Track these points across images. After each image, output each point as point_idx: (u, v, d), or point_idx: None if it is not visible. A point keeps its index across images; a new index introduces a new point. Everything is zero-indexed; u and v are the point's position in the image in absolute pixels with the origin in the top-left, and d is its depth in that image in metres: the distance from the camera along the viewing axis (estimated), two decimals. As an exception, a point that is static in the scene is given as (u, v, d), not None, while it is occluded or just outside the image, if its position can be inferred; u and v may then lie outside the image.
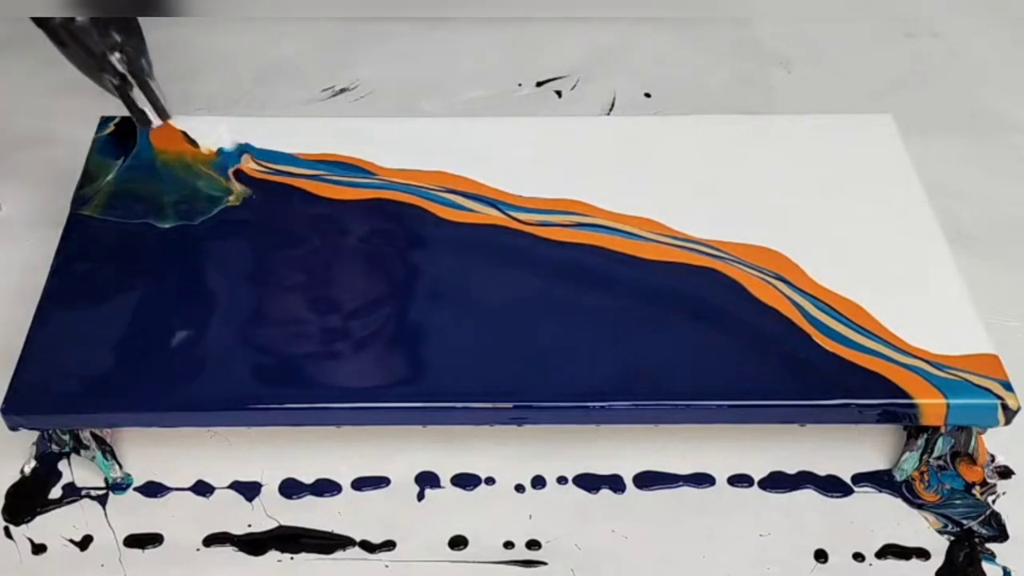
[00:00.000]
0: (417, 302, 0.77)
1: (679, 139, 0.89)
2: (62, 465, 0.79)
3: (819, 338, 0.74)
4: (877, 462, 0.79)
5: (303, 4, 0.94)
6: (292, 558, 0.74)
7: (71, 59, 0.80)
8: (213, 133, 0.86)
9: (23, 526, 0.75)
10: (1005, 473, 0.78)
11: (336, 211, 0.83)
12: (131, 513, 0.76)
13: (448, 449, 0.79)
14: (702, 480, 0.78)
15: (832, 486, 0.78)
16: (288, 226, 0.82)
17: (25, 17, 0.76)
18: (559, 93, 1.12)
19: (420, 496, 0.77)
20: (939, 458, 0.78)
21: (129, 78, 0.80)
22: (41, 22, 0.77)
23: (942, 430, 0.75)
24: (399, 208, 0.83)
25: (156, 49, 1.16)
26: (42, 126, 1.06)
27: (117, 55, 0.78)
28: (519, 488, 0.78)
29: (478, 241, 0.81)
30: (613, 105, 1.11)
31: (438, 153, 0.87)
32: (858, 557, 0.74)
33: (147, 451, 0.79)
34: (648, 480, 0.78)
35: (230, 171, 0.85)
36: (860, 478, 0.78)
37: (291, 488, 0.78)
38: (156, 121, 0.85)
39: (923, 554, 0.74)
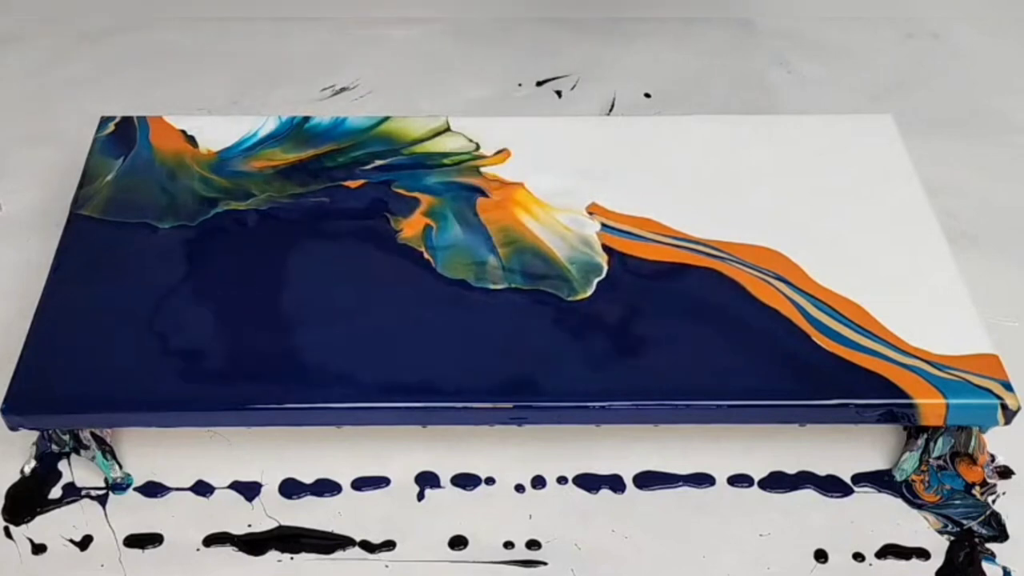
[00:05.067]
0: (417, 301, 0.77)
1: (679, 139, 0.89)
2: (62, 465, 0.79)
3: (819, 338, 0.74)
4: (877, 462, 0.79)
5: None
6: (292, 558, 0.74)
7: None
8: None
9: (23, 526, 0.75)
10: (1005, 473, 0.78)
11: (335, 204, 0.83)
12: (131, 513, 0.76)
13: (448, 449, 0.79)
14: (702, 480, 0.78)
15: (832, 486, 0.78)
16: (286, 224, 0.82)
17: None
18: (559, 93, 1.12)
19: (420, 496, 0.77)
20: (939, 458, 0.78)
21: None
22: None
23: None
24: (392, 199, 0.84)
25: (157, 49, 1.17)
26: (42, 126, 1.06)
27: None
28: (519, 488, 0.78)
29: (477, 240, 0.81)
30: (613, 105, 1.11)
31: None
32: (858, 557, 0.74)
33: (147, 451, 0.79)
34: (648, 480, 0.78)
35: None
36: (860, 478, 0.78)
37: (291, 488, 0.78)
38: None
39: (923, 554, 0.74)
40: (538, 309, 0.76)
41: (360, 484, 0.78)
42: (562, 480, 0.78)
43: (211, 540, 0.75)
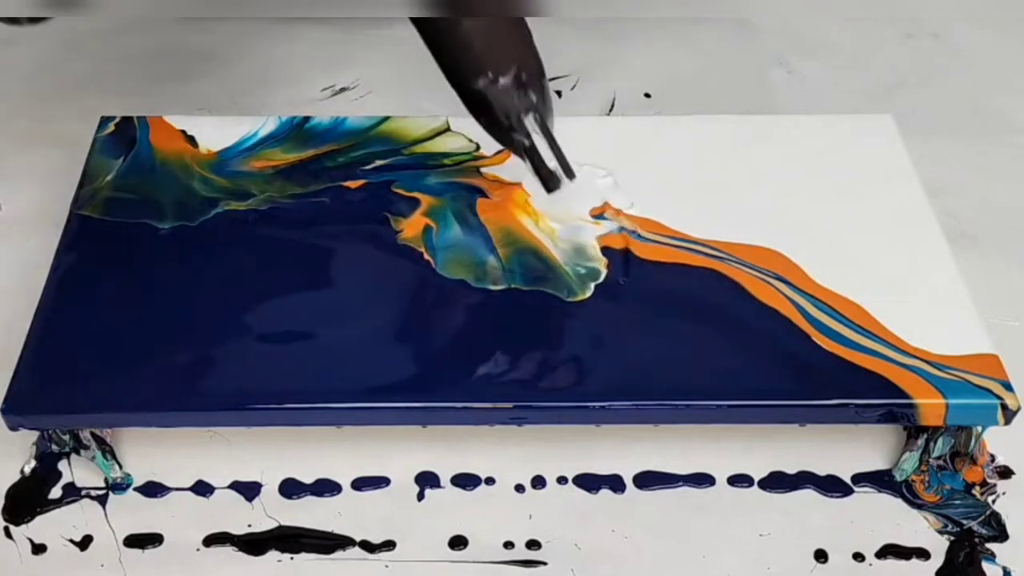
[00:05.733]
0: (417, 301, 0.77)
1: (679, 139, 0.89)
2: (62, 465, 0.79)
3: (819, 338, 0.74)
4: (877, 462, 0.79)
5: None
6: (292, 558, 0.74)
7: (483, 122, 0.77)
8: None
9: (23, 526, 0.75)
10: (1005, 473, 0.78)
11: (335, 204, 0.83)
12: (131, 513, 0.76)
13: (448, 449, 0.79)
14: (702, 480, 0.78)
15: (832, 486, 0.78)
16: (286, 224, 0.82)
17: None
18: (559, 93, 1.12)
19: (420, 496, 0.78)
20: (939, 458, 0.78)
21: (540, 138, 0.77)
22: (466, 88, 0.75)
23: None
24: (392, 199, 0.84)
25: (156, 49, 1.17)
26: (42, 126, 1.06)
27: (531, 115, 0.76)
28: (519, 488, 0.78)
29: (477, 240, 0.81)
30: (613, 105, 1.11)
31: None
32: (858, 557, 0.74)
33: (147, 451, 0.79)
34: (648, 480, 0.78)
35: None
36: (860, 478, 0.78)
37: (291, 488, 0.78)
38: (564, 180, 0.78)
39: (923, 554, 0.74)
40: (538, 309, 0.76)
41: (360, 484, 0.78)
42: (562, 480, 0.78)
43: (211, 540, 0.75)
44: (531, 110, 0.76)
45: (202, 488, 0.77)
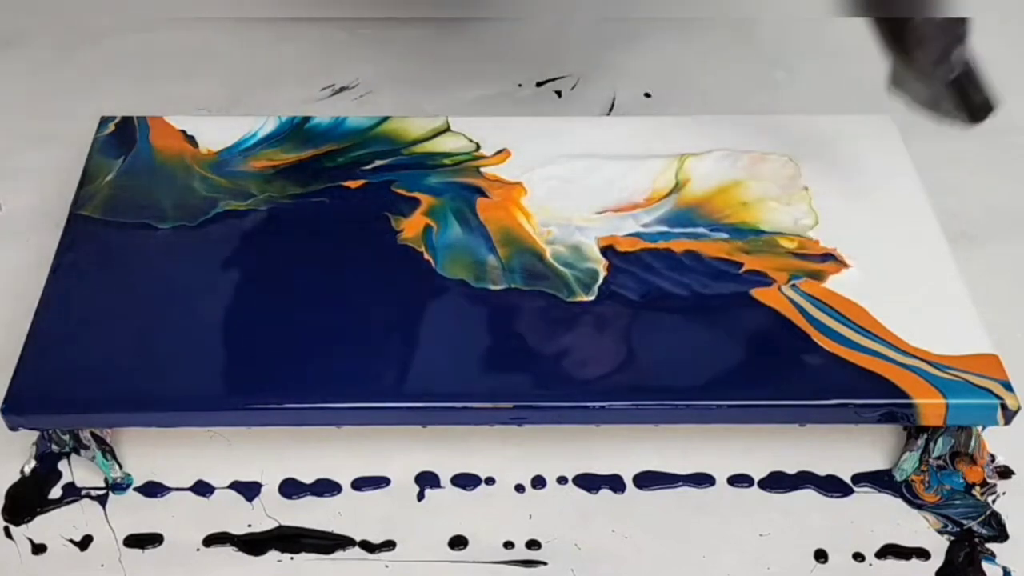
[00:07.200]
0: (417, 301, 0.77)
1: (679, 139, 0.89)
2: (62, 465, 0.79)
3: (819, 338, 0.74)
4: (877, 462, 0.79)
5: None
6: (292, 558, 0.74)
7: (911, 56, 0.76)
8: None
9: (23, 526, 0.75)
10: (1005, 473, 0.78)
11: (335, 204, 0.83)
12: (131, 513, 0.76)
13: (448, 449, 0.79)
14: (702, 480, 0.78)
15: (832, 486, 0.78)
16: (286, 224, 0.82)
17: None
18: (559, 93, 1.12)
19: (420, 496, 0.78)
20: (939, 458, 0.78)
21: (968, 68, 0.76)
22: (903, 22, 0.74)
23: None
24: (392, 199, 0.84)
25: (157, 49, 1.17)
26: (42, 126, 1.06)
27: (958, 48, 0.75)
28: (519, 488, 0.78)
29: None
30: (613, 105, 1.11)
31: (438, 153, 0.88)
32: (858, 557, 0.74)
33: (147, 451, 0.79)
34: (648, 480, 0.78)
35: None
36: (860, 478, 0.78)
37: (291, 488, 0.78)
38: (994, 108, 0.78)
39: (923, 554, 0.74)
40: (538, 309, 0.76)
41: (360, 484, 0.78)
42: (562, 480, 0.78)
43: (211, 540, 0.75)
44: (959, 43, 0.76)
45: (202, 488, 0.77)
